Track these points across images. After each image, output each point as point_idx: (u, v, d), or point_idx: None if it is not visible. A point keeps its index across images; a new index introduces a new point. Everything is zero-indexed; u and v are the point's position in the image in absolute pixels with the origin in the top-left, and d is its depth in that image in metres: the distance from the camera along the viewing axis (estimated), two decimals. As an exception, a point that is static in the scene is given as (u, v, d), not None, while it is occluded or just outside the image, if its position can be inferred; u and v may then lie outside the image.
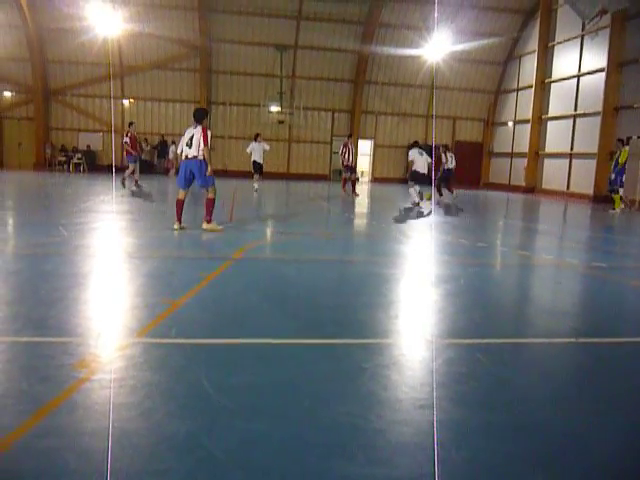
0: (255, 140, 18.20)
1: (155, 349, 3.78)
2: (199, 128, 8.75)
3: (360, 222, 13.02)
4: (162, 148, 27.42)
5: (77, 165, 27.12)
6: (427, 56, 26.41)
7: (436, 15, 25.91)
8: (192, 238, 8.69)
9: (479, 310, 5.22)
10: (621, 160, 16.96)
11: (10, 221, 10.30)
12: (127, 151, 17.55)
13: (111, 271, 6.14)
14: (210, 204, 9.01)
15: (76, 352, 3.63)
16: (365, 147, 30.57)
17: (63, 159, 27.36)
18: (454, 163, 18.01)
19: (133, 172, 17.57)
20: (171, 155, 27.22)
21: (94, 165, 27.28)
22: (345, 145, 18.81)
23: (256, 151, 18.10)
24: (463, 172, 30.92)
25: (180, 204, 9.03)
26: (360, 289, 5.84)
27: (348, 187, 18.90)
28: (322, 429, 2.77)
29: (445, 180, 18.08)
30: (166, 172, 26.82)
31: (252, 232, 9.74)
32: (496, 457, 2.62)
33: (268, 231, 10.44)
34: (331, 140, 29.85)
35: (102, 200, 14.45)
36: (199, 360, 3.62)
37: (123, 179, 17.58)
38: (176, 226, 8.96)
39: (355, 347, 4.02)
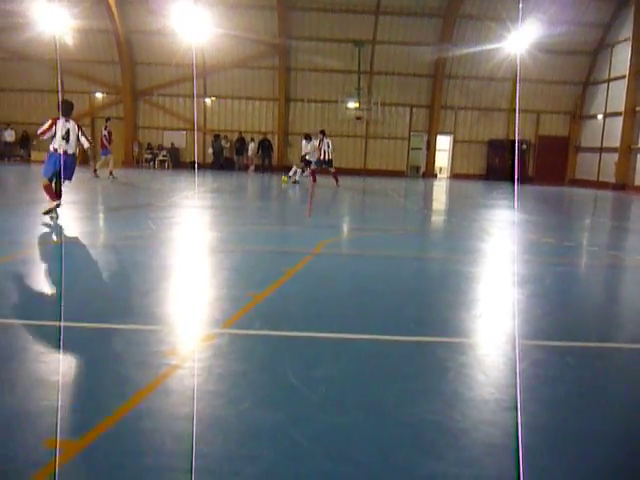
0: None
1: (240, 340, 3.89)
2: (73, 123, 8.71)
3: (439, 218, 12.80)
4: (241, 145, 28.10)
5: (162, 162, 28.26)
6: (510, 48, 25.51)
7: (521, 5, 24.95)
8: (271, 234, 8.86)
9: (567, 312, 5.01)
10: None
11: (102, 216, 10.89)
12: (103, 144, 18.44)
13: (197, 264, 6.37)
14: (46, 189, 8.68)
15: (167, 340, 3.80)
16: (444, 143, 30.01)
17: (149, 156, 28.59)
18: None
19: (107, 164, 18.49)
20: (250, 152, 27.88)
21: (178, 162, 28.33)
22: (321, 140, 19.48)
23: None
24: (546, 168, 29.83)
25: (50, 187, 8.65)
26: (441, 287, 5.75)
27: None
28: (408, 425, 2.76)
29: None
30: (245, 168, 27.51)
31: (330, 228, 9.80)
32: (594, 465, 2.51)
33: (346, 227, 10.47)
34: (409, 136, 29.50)
35: (186, 196, 14.99)
36: (283, 352, 3.69)
37: (95, 170, 18.31)
38: (57, 203, 8.62)
39: (437, 345, 3.96)
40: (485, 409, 3.00)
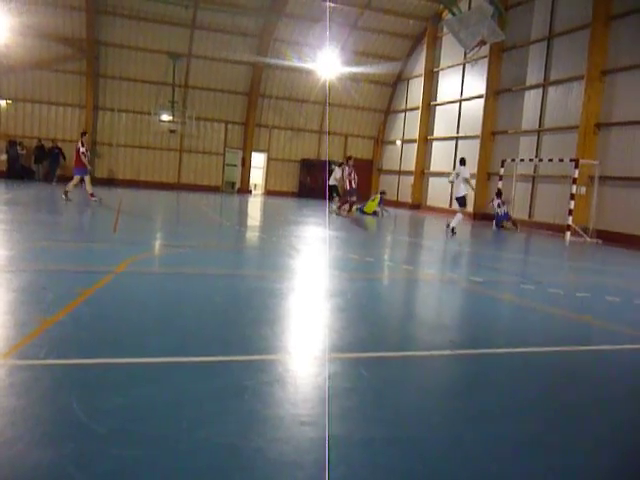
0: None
1: (21, 371, 3.50)
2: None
3: (251, 235, 12.96)
4: (40, 153, 25.73)
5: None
6: (321, 73, 26.99)
7: (327, 34, 26.60)
8: (70, 251, 8.21)
9: (364, 324, 5.35)
10: None
11: None
12: (80, 162, 15.62)
13: (-24, 286, 5.64)
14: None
15: None
16: (259, 160, 30.62)
17: None
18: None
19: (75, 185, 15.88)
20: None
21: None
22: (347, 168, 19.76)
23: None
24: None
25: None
26: (247, 304, 5.78)
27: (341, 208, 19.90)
28: (199, 451, 2.69)
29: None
30: (50, 180, 24.87)
31: (137, 244, 9.37)
32: (377, 472, 2.66)
33: (154, 243, 10.10)
34: (224, 151, 29.58)
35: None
36: (70, 382, 3.40)
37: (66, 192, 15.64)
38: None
39: (238, 364, 3.95)
40: (280, 426, 3.05)
